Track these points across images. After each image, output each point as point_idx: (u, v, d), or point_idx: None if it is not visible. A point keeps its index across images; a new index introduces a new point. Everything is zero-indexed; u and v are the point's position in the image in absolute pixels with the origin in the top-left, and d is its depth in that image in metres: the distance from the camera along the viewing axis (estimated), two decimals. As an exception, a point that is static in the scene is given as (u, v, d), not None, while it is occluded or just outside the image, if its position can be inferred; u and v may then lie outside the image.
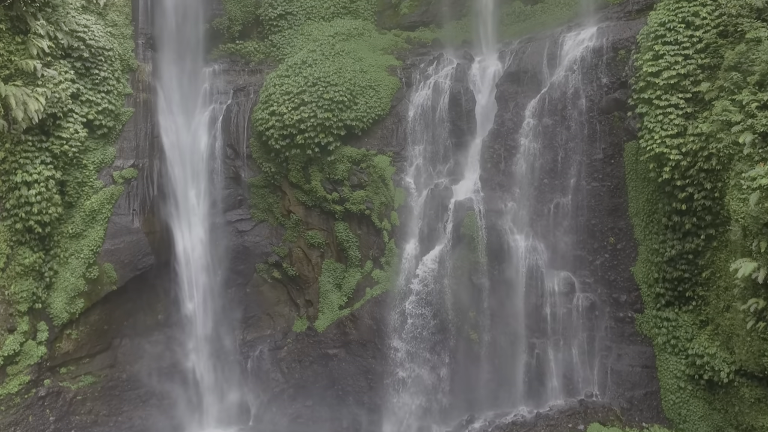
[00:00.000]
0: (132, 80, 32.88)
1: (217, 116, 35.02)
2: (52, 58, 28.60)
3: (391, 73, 33.43)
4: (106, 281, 30.92)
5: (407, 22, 38.68)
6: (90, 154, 30.65)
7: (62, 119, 28.82)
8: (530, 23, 35.08)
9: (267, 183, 34.37)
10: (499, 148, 30.32)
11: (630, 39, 28.23)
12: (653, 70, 24.95)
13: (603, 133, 28.38)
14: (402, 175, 31.95)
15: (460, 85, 31.59)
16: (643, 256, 27.33)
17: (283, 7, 37.74)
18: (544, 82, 30.06)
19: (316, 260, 34.28)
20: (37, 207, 27.61)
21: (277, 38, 37.63)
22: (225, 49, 37.90)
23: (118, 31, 32.17)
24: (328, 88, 31.81)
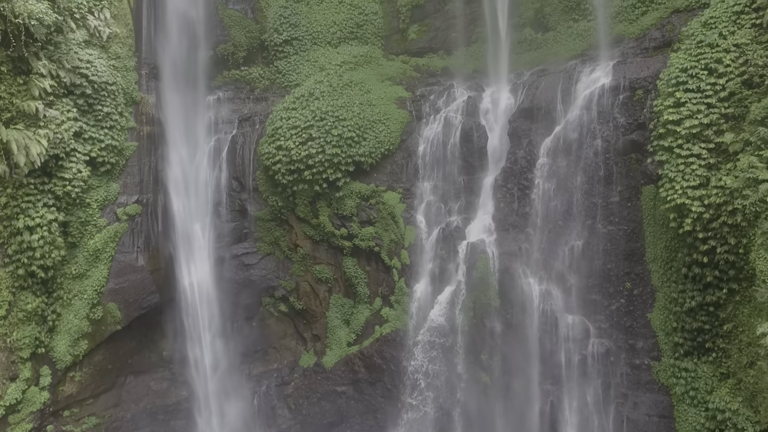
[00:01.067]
0: (135, 113, 31.86)
1: (222, 147, 34.03)
2: (54, 97, 27.57)
3: (401, 105, 32.45)
4: (110, 321, 30.03)
5: (415, 48, 37.68)
6: (93, 192, 29.67)
7: (64, 159, 27.84)
8: (542, 52, 34.09)
9: (273, 216, 33.44)
10: (513, 187, 29.42)
11: (647, 79, 27.29)
12: (674, 118, 24.05)
13: (619, 175, 27.49)
14: (412, 212, 31.05)
15: (471, 120, 30.65)
16: (661, 303, 26.51)
17: (289, 33, 36.69)
18: (558, 119, 29.14)
19: (323, 295, 33.42)
20: (40, 251, 26.68)
21: (282, 64, 36.59)
22: (229, 75, 36.86)
23: (121, 64, 31.10)
24: (336, 124, 30.83)
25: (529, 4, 35.97)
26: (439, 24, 37.50)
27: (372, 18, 37.77)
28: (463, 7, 37.09)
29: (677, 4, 29.23)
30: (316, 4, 38.04)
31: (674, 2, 29.40)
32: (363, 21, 37.61)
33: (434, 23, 37.57)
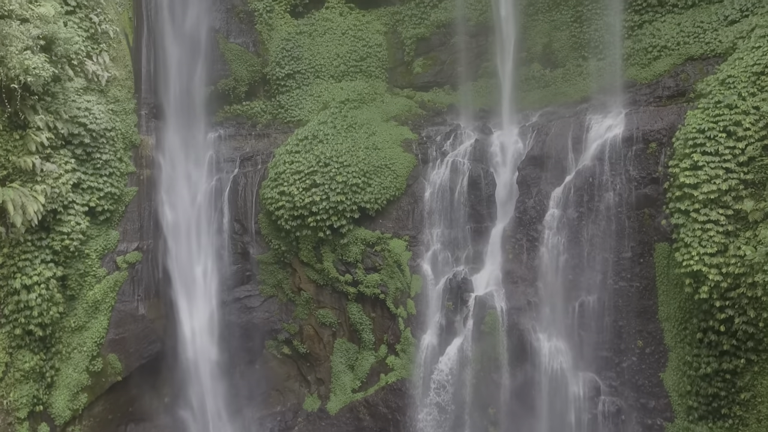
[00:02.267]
0: (135, 156, 30.86)
1: (223, 187, 33.06)
2: (51, 150, 26.55)
3: (406, 148, 31.44)
4: (110, 372, 29.18)
5: (420, 83, 36.63)
6: (92, 242, 28.71)
7: (62, 213, 26.86)
8: (551, 92, 33.05)
9: (276, 260, 32.51)
10: (521, 238, 28.49)
11: (661, 131, 26.31)
12: (691, 182, 23.09)
13: (632, 230, 26.56)
14: (418, 261, 30.12)
15: (479, 167, 29.68)
16: (674, 364, 25.67)
17: (291, 67, 35.64)
18: (569, 169, 28.18)
19: (327, 339, 32.54)
20: (38, 309, 25.77)
21: (284, 99, 35.56)
22: (231, 110, 35.84)
23: (120, 107, 30.06)
24: (341, 170, 29.84)
25: (536, 39, 34.90)
26: (445, 57, 36.42)
27: (376, 50, 36.70)
28: (469, 41, 36.00)
29: (691, 52, 28.21)
30: (319, 36, 36.95)
31: (688, 49, 28.37)
32: (367, 54, 36.54)
33: (440, 56, 36.50)
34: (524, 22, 35.05)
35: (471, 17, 36.00)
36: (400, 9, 37.66)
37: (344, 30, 37.20)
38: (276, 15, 36.79)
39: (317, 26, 37.26)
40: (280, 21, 36.80)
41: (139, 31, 32.25)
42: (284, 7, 37.03)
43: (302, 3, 37.62)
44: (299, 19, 37.50)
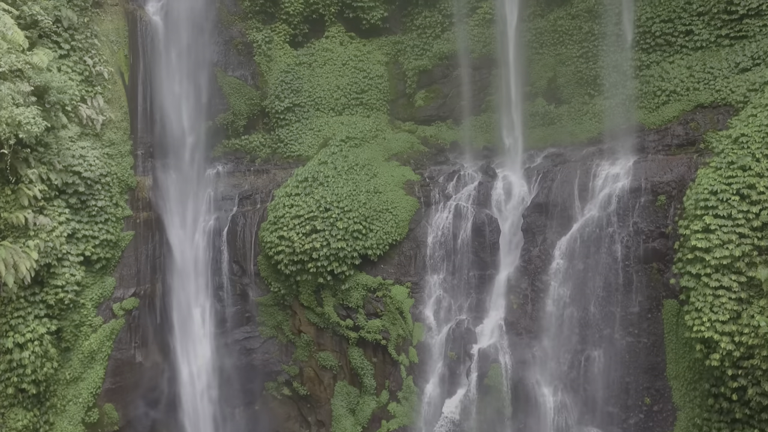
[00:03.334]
0: (131, 199, 29.92)
1: (222, 227, 32.12)
2: (45, 202, 25.63)
3: (409, 191, 30.49)
4: (107, 422, 28.40)
5: (422, 116, 35.62)
6: (88, 291, 27.83)
7: (57, 266, 25.95)
8: (556, 130, 32.05)
9: (276, 302, 31.64)
10: (526, 287, 27.62)
11: (671, 184, 25.39)
12: (703, 246, 22.16)
13: (640, 284, 25.69)
14: (421, 308, 29.26)
15: (483, 213, 28.76)
16: (683, 424, 24.86)
17: (291, 100, 34.61)
18: (575, 217, 27.27)
19: (328, 381, 31.73)
20: (31, 367, 24.91)
21: (284, 132, 34.55)
22: (229, 145, 34.81)
23: (116, 150, 29.10)
24: (342, 216, 28.90)
25: (541, 73, 33.88)
26: (447, 90, 35.38)
27: (377, 82, 35.67)
28: (472, 73, 34.97)
29: (701, 99, 27.23)
30: (319, 66, 35.91)
31: (698, 96, 27.40)
32: (368, 86, 35.50)
33: (442, 89, 35.45)
34: (529, 55, 34.02)
35: (474, 49, 34.97)
36: (402, 39, 36.62)
37: (345, 60, 36.14)
38: (275, 46, 35.72)
39: (317, 57, 36.20)
40: (279, 52, 35.73)
41: (135, 68, 31.19)
42: (283, 37, 35.96)
43: (302, 33, 36.55)
44: (299, 49, 36.45)
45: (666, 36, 30.22)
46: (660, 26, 30.39)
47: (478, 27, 35.30)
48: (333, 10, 36.64)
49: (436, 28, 36.11)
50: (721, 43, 28.46)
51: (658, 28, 30.41)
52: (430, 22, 36.05)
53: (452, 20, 35.84)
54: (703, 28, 29.21)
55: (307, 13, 36.37)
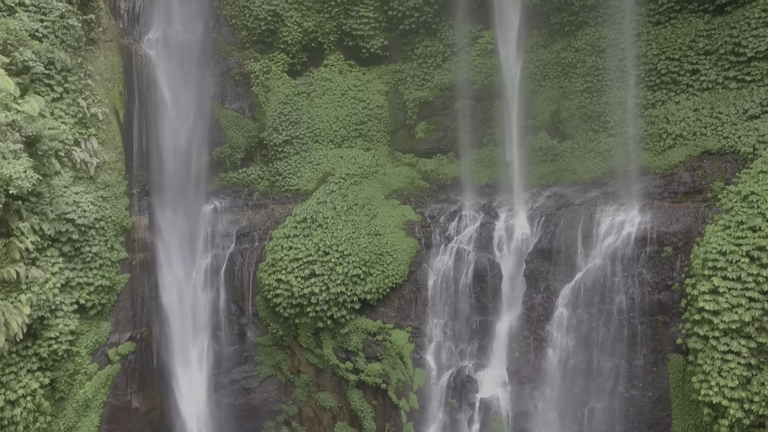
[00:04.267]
0: (127, 240, 29.13)
1: (219, 265, 31.36)
2: (37, 253, 24.81)
3: (409, 232, 29.72)
4: (103, 470, 27.69)
5: (423, 149, 34.83)
6: (82, 338, 27.11)
7: (50, 318, 25.20)
8: (559, 167, 31.26)
9: (275, 342, 30.97)
10: (528, 336, 26.92)
11: (677, 235, 24.62)
12: (711, 308, 21.42)
13: (645, 336, 24.99)
14: (421, 353, 28.58)
15: (485, 258, 28.01)
16: (688, 482, 24.17)
17: (289, 132, 33.80)
18: (579, 265, 26.51)
19: (327, 422, 31.10)
20: (23, 423, 24.26)
21: (282, 165, 33.76)
22: (226, 178, 33.99)
23: (111, 192, 28.28)
24: (341, 260, 28.14)
25: (544, 106, 33.07)
26: (449, 123, 34.57)
27: (377, 112, 34.86)
28: (474, 105, 34.17)
29: (708, 145, 26.44)
30: (318, 97, 35.08)
31: (705, 142, 26.60)
32: (367, 117, 34.69)
33: (443, 121, 34.63)
34: (531, 87, 33.22)
35: (476, 80, 34.13)
36: (402, 67, 35.77)
37: (344, 90, 35.30)
38: (273, 75, 34.86)
39: (316, 86, 35.36)
40: (277, 82, 34.88)
41: (130, 105, 30.33)
42: (281, 66, 35.10)
43: (300, 61, 35.70)
44: (297, 79, 35.62)
45: (672, 74, 29.39)
46: (666, 64, 29.55)
47: (479, 57, 34.45)
48: (332, 38, 35.80)
49: (437, 58, 35.26)
50: (728, 86, 27.62)
51: (664, 65, 29.57)
52: (431, 51, 35.19)
53: (453, 50, 35.02)
54: (710, 68, 28.38)
55: (306, 42, 35.52)
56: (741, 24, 27.68)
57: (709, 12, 29.66)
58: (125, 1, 32.47)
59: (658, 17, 30.79)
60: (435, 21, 35.10)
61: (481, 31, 35.01)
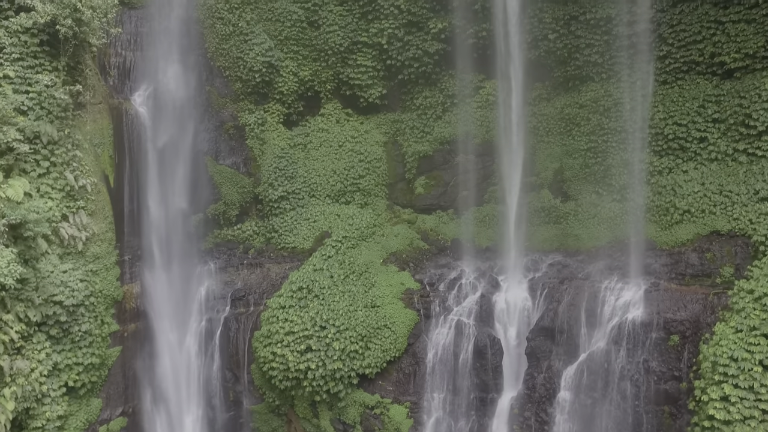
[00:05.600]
0: (118, 311, 28.18)
1: (214, 329, 30.46)
2: (23, 341, 23.82)
3: (408, 302, 28.76)
4: None
5: (422, 204, 33.79)
6: (72, 419, 26.19)
7: (37, 407, 24.24)
8: (562, 231, 30.23)
9: (271, 410, 30.09)
10: (530, 417, 26.03)
11: (684, 323, 23.69)
12: (722, 417, 20.47)
13: (650, 426, 24.14)
14: (420, 429, 27.72)
15: (485, 332, 27.10)
16: None
17: (285, 188, 32.72)
18: (582, 346, 25.60)
19: (324, 489, 30.24)
20: None
21: (278, 222, 32.71)
22: (221, 235, 32.94)
23: (101, 264, 27.24)
24: (338, 335, 27.20)
25: (547, 163, 31.99)
26: (449, 178, 33.47)
27: (375, 165, 33.76)
28: (475, 161, 33.08)
29: (717, 225, 25.42)
30: (314, 149, 33.99)
31: (713, 221, 25.55)
32: (365, 170, 33.59)
33: (443, 177, 33.53)
34: (534, 143, 32.13)
35: (477, 134, 33.01)
36: (401, 117, 34.64)
37: (341, 142, 34.18)
38: (269, 127, 33.72)
39: (312, 137, 34.24)
40: (272, 134, 33.74)
41: (121, 168, 29.24)
42: (277, 117, 33.95)
43: (296, 111, 34.57)
44: (293, 129, 34.48)
45: (679, 140, 28.28)
46: (673, 129, 28.44)
47: (480, 109, 33.31)
48: (329, 87, 34.65)
49: (437, 109, 34.13)
50: (737, 159, 26.51)
51: (671, 130, 28.45)
52: (430, 102, 34.04)
53: (454, 101, 33.87)
54: (719, 138, 27.25)
55: (302, 91, 34.40)
56: (751, 94, 26.53)
57: (718, 75, 28.47)
58: (115, 56, 31.30)
59: (665, 76, 29.64)
60: (435, 71, 33.91)
61: (482, 81, 33.82)
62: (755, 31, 26.97)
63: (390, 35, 33.47)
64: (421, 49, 33.43)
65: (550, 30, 31.75)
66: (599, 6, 30.73)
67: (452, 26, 33.04)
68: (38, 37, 25.95)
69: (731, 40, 27.70)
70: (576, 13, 31.28)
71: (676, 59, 29.18)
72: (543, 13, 31.83)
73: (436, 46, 33.38)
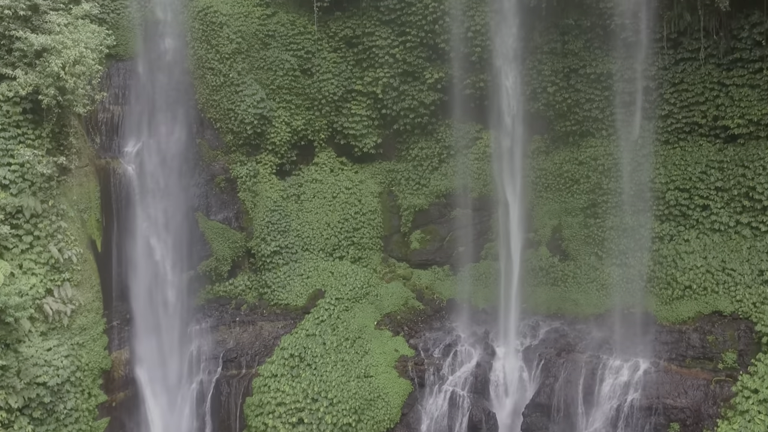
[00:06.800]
0: (106, 381, 27.38)
1: (205, 392, 29.73)
2: (3, 429, 23.03)
3: (402, 372, 28.04)
4: None
5: (418, 259, 32.91)
6: (58, 498, 25.41)
7: (21, 494, 23.50)
8: (559, 293, 29.40)
9: (264, 475, 29.30)
10: (526, 496, 25.30)
11: (686, 411, 23.01)
12: None
13: None
14: (413, 503, 27.01)
15: (480, 406, 26.51)
16: None
17: (278, 242, 31.85)
18: (579, 427, 25.00)
19: None
20: None
21: (270, 277, 31.86)
22: (212, 291, 32.09)
23: (88, 336, 26.47)
24: (330, 408, 26.47)
25: (545, 220, 31.13)
26: (445, 233, 32.59)
27: (370, 218, 32.87)
28: (472, 215, 32.19)
29: (719, 305, 24.57)
30: (308, 200, 33.08)
31: (716, 301, 24.72)
32: (360, 223, 32.72)
33: (439, 231, 32.65)
34: (532, 198, 31.25)
35: (474, 188, 32.09)
36: (397, 167, 33.72)
37: (335, 193, 33.26)
38: (261, 179, 32.79)
39: (306, 188, 33.32)
40: (265, 185, 32.82)
41: (109, 231, 28.36)
42: (269, 168, 33.01)
43: (289, 161, 33.62)
44: (286, 179, 33.55)
45: (681, 206, 27.39)
46: (675, 194, 27.51)
47: (478, 161, 32.37)
48: (323, 135, 33.74)
49: (433, 160, 33.22)
50: (741, 232, 25.59)
51: (673, 196, 27.53)
52: (426, 153, 33.12)
53: (450, 152, 32.94)
54: (722, 208, 26.32)
55: (295, 140, 33.47)
56: (755, 164, 25.58)
57: (721, 138, 27.50)
58: (103, 112, 30.31)
59: (666, 136, 28.71)
60: (431, 122, 32.93)
61: (480, 132, 32.88)
62: (759, 97, 25.97)
63: (385, 84, 32.49)
64: (417, 100, 32.46)
65: (549, 82, 30.77)
66: (599, 60, 29.76)
67: (449, 76, 32.08)
68: (21, 105, 24.99)
69: (735, 104, 26.71)
70: (576, 66, 30.29)
71: (678, 119, 28.23)
72: (542, 65, 30.83)
73: (432, 96, 32.40)
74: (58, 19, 25.59)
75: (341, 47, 33.05)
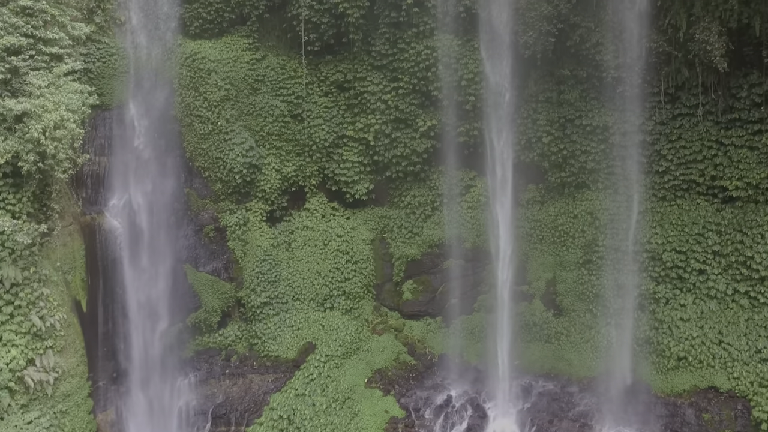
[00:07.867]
0: (92, 445, 26.73)
1: (193, 450, 29.09)
2: None
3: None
4: None
5: (410, 310, 32.20)
6: None
7: None
8: (553, 351, 28.71)
9: None
10: None
11: (679, 492, 22.14)
12: None
13: None
14: None
15: (472, 475, 25.66)
16: None
17: (268, 293, 31.16)
18: (572, 500, 24.15)
19: None
20: None
21: (261, 328, 31.20)
22: (202, 343, 31.41)
23: (72, 402, 25.86)
24: (319, 476, 25.85)
25: (539, 272, 30.39)
26: (437, 284, 31.84)
27: (362, 267, 32.14)
28: (464, 266, 31.44)
29: (716, 381, 24.02)
30: (299, 248, 32.34)
31: (712, 375, 24.09)
32: (352, 272, 31.98)
33: (432, 282, 31.90)
34: (526, 249, 30.46)
35: (467, 238, 31.35)
36: (389, 213, 32.96)
37: (327, 240, 32.51)
38: (251, 227, 32.03)
39: (297, 235, 32.57)
40: (255, 233, 32.06)
41: (94, 290, 27.66)
42: (259, 216, 32.24)
43: (280, 207, 32.86)
44: (277, 226, 32.79)
45: (678, 269, 26.63)
46: (671, 256, 26.72)
47: (471, 210, 31.61)
48: (314, 181, 32.97)
49: (425, 208, 32.43)
50: (738, 301, 24.84)
51: (669, 257, 26.75)
52: (419, 201, 32.34)
53: (443, 200, 32.10)
54: (719, 274, 25.54)
55: (286, 187, 32.71)
56: (753, 232, 24.79)
57: (719, 198, 26.68)
58: (89, 164, 29.45)
59: (663, 192, 27.91)
60: (424, 169, 32.13)
61: (473, 179, 32.08)
62: (758, 159, 25.14)
63: (377, 131, 31.67)
64: (409, 147, 31.64)
65: (544, 132, 29.95)
66: (595, 112, 28.92)
67: (442, 123, 31.26)
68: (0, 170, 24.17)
69: (733, 165, 25.89)
70: (572, 117, 29.45)
71: (675, 176, 27.44)
72: (537, 114, 29.99)
73: (425, 144, 31.58)
74: (39, 81, 24.72)
75: (332, 91, 32.22)
